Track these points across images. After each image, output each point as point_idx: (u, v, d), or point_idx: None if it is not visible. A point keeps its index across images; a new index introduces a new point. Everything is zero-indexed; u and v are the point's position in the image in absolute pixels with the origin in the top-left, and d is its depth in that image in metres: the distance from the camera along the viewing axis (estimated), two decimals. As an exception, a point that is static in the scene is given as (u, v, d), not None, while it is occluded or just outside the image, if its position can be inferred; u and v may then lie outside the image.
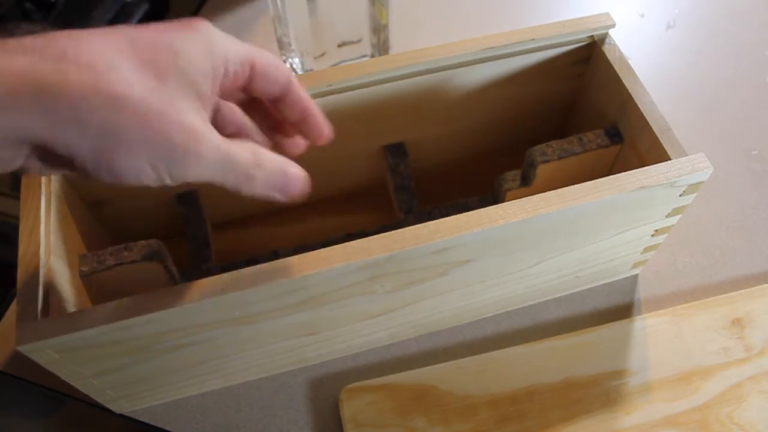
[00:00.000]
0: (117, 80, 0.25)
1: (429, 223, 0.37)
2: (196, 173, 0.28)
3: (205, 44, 0.29)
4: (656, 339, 0.48)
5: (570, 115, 0.54)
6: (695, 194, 0.41)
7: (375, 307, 0.43)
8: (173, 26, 0.29)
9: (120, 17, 0.67)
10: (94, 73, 0.25)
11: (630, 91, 0.44)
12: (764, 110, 0.62)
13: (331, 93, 0.44)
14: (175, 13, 0.72)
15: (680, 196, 0.41)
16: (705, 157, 0.39)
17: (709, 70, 0.65)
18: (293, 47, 0.59)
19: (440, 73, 0.46)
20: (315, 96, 0.44)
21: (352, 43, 0.59)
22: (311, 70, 0.60)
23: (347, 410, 0.45)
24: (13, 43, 0.25)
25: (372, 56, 0.61)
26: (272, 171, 0.31)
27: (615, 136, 0.46)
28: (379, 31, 0.59)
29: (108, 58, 0.26)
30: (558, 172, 0.46)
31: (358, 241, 0.37)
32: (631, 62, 0.45)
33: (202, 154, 0.28)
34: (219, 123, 0.34)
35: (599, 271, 0.49)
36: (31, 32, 0.25)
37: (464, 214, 0.37)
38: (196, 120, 0.28)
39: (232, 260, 0.49)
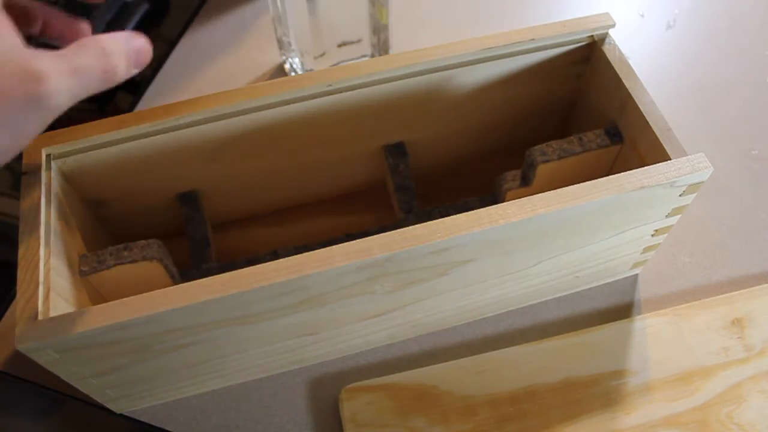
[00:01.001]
0: None
1: (429, 223, 0.37)
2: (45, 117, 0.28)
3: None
4: (656, 339, 0.48)
5: (570, 115, 0.54)
6: (695, 194, 0.41)
7: (375, 307, 0.43)
8: None
9: (120, 17, 0.67)
10: None
11: (630, 91, 0.44)
12: (764, 110, 0.62)
13: (331, 93, 0.44)
14: (174, 12, 0.72)
15: (680, 196, 0.41)
16: (705, 157, 0.39)
17: (709, 70, 0.65)
18: (293, 47, 0.59)
19: (440, 73, 0.46)
20: (315, 96, 0.44)
21: (352, 43, 0.59)
22: (311, 70, 0.60)
23: (347, 410, 0.45)
24: None
25: (372, 56, 0.61)
26: (126, 54, 0.31)
27: (615, 136, 0.46)
28: (379, 31, 0.59)
29: None
30: (558, 172, 0.46)
31: (358, 241, 0.37)
32: (631, 62, 0.45)
33: (50, 94, 0.27)
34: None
35: (599, 271, 0.49)
36: None
37: (464, 214, 0.37)
38: (19, 52, 0.26)
39: (232, 260, 0.49)
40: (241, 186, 0.50)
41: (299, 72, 0.61)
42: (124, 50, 0.31)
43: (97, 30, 0.64)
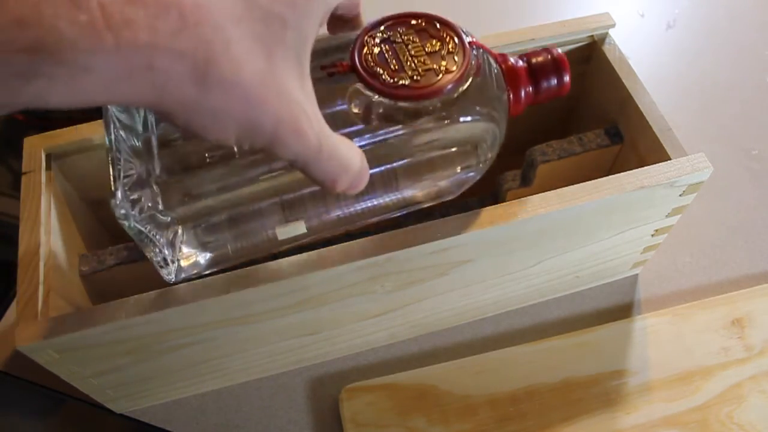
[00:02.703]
0: (228, 64, 0.24)
1: (429, 223, 0.37)
2: (281, 154, 0.27)
3: (317, 3, 0.27)
4: (656, 339, 0.48)
5: (570, 115, 0.54)
6: (695, 194, 0.41)
7: (375, 307, 0.43)
8: None
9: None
10: (209, 52, 0.23)
11: (630, 91, 0.44)
12: (764, 110, 0.62)
13: (331, 93, 0.44)
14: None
15: (680, 196, 0.41)
16: (705, 157, 0.39)
17: (709, 70, 0.65)
18: None
19: (440, 73, 0.46)
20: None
21: None
22: None
23: (347, 410, 0.45)
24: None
25: None
26: (361, 169, 0.30)
27: (615, 136, 0.46)
28: None
29: (225, 35, 0.24)
30: (558, 172, 0.46)
31: (358, 241, 0.37)
32: (631, 62, 0.45)
33: (289, 143, 0.26)
34: None
35: (599, 271, 0.49)
36: None
37: (464, 214, 0.37)
38: (293, 104, 0.26)
39: (232, 260, 0.49)
40: (241, 186, 0.50)
41: None
42: (358, 173, 0.30)
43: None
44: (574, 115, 0.53)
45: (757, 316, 0.49)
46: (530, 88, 0.36)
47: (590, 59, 0.48)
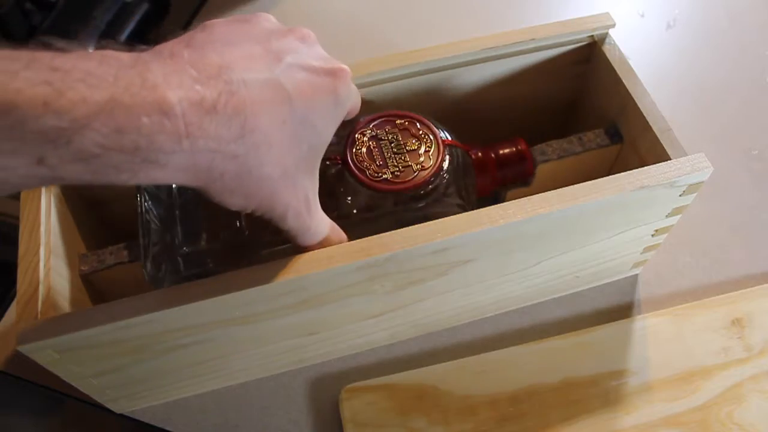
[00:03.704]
0: (268, 162, 0.29)
1: (429, 223, 0.37)
2: (281, 226, 0.33)
3: (338, 113, 0.33)
4: (656, 339, 0.48)
5: (570, 115, 0.54)
6: (695, 194, 0.41)
7: (375, 307, 0.43)
8: (322, 84, 0.31)
9: (120, 17, 0.67)
10: (256, 154, 0.28)
11: (630, 91, 0.44)
12: (764, 110, 0.62)
13: (331, 93, 0.44)
14: (174, 13, 0.72)
15: (680, 196, 0.41)
16: (705, 157, 0.39)
17: (709, 70, 0.65)
18: None
19: (440, 73, 0.46)
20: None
21: None
22: None
23: (347, 410, 0.45)
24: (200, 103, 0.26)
25: None
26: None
27: (615, 136, 0.46)
28: None
29: (270, 139, 0.29)
30: (558, 172, 0.46)
31: (358, 241, 0.37)
32: (631, 62, 0.45)
33: (289, 221, 0.33)
34: None
35: (599, 271, 0.49)
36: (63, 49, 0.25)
37: (464, 213, 0.37)
38: (302, 196, 0.32)
39: (232, 260, 0.49)
40: (241, 186, 0.50)
41: None
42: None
43: (96, 30, 0.64)
44: (574, 115, 0.53)
45: (757, 316, 0.49)
46: (496, 174, 0.44)
47: (590, 59, 0.48)
